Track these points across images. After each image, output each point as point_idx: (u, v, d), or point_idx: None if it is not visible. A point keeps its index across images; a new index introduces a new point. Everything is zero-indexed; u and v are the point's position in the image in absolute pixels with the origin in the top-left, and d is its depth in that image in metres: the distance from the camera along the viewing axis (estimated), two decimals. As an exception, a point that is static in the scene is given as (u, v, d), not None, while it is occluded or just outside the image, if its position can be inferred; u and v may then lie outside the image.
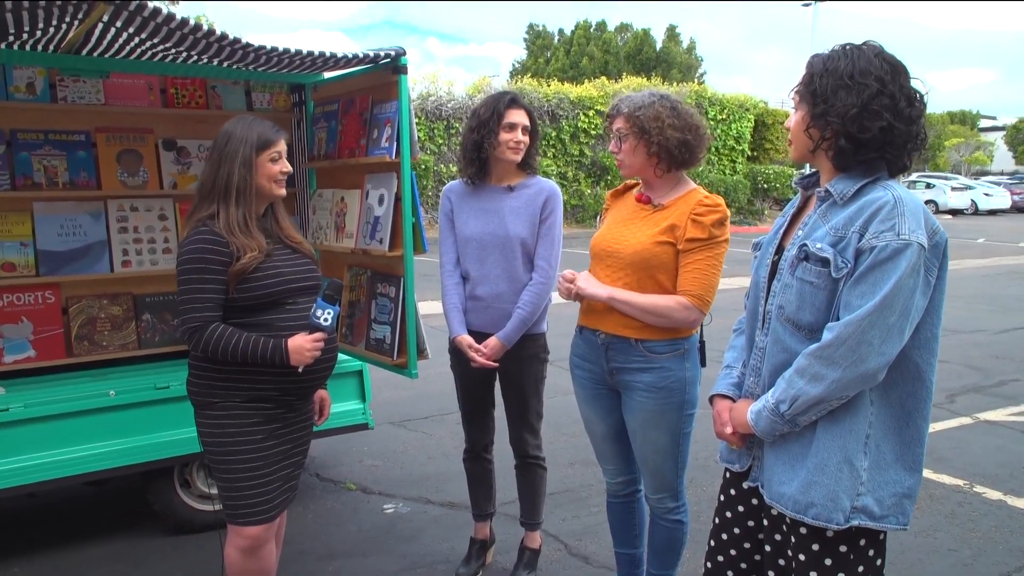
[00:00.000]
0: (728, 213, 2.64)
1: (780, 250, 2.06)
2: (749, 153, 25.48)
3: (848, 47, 1.91)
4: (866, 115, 1.83)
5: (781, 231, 2.11)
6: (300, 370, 2.54)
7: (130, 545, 3.74)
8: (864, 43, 1.92)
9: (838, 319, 1.86)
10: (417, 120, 19.11)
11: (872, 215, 1.83)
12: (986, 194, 32.37)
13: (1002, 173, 43.27)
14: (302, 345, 2.51)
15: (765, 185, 24.52)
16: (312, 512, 4.13)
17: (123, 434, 3.46)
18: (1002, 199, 32.41)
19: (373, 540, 3.84)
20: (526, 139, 3.13)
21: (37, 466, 3.28)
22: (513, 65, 43.96)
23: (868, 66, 1.85)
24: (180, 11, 2.79)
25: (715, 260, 2.61)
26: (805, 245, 1.92)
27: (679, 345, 2.67)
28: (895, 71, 1.86)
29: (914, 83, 1.90)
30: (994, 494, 4.43)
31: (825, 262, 1.87)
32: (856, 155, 1.88)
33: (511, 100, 3.11)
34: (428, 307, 5.02)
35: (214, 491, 3.69)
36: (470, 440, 3.44)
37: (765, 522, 2.08)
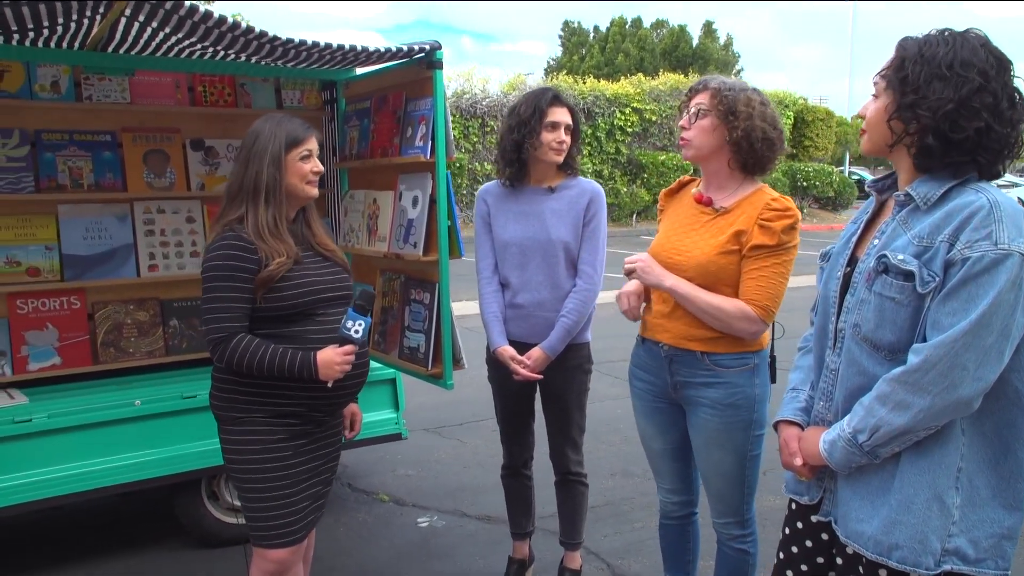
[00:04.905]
0: (799, 216, 2.41)
1: (853, 261, 1.86)
2: (788, 150, 25.02)
3: (948, 33, 1.68)
4: (963, 112, 1.61)
5: (854, 239, 1.90)
6: (330, 384, 2.39)
7: (155, 559, 3.62)
8: (968, 30, 1.69)
9: (924, 339, 1.65)
10: (452, 118, 19.00)
11: (964, 222, 1.61)
12: (1032, 191, 31.56)
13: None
14: (332, 359, 2.35)
15: (804, 183, 24.02)
16: (344, 525, 3.98)
17: (149, 445, 3.34)
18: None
19: (406, 556, 3.68)
20: (568, 139, 2.94)
21: (61, 479, 3.16)
22: (548, 62, 43.66)
23: (972, 57, 1.62)
24: (216, 9, 2.65)
25: (783, 268, 2.38)
26: (884, 256, 1.71)
27: (748, 360, 2.46)
28: (1001, 66, 1.64)
29: (1017, 82, 1.68)
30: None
31: (909, 275, 1.66)
32: (944, 156, 1.66)
33: (553, 97, 2.91)
34: (461, 307, 4.86)
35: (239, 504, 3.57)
36: (509, 456, 3.26)
37: (839, 560, 1.88)
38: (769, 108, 2.46)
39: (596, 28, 42.75)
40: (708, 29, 40.20)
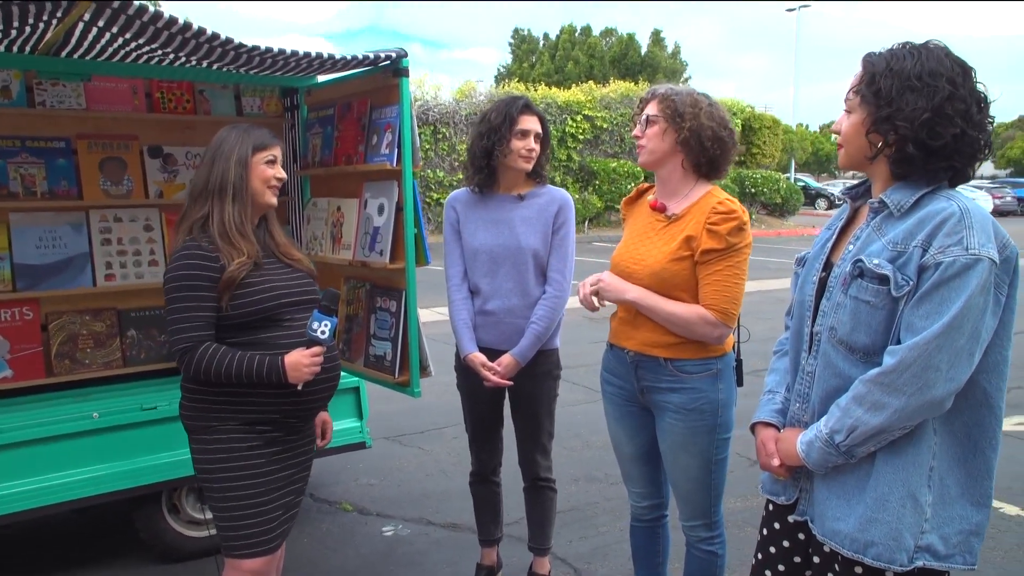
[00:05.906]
0: (746, 218, 2.45)
1: (828, 266, 1.90)
2: (736, 157, 25.41)
3: (909, 46, 1.75)
4: (939, 120, 1.67)
5: (828, 245, 1.94)
6: (300, 388, 2.37)
7: (126, 572, 3.52)
8: (928, 42, 1.75)
9: (899, 342, 1.70)
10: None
11: (936, 228, 1.67)
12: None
13: (982, 177, 43.48)
14: (299, 361, 2.33)
15: (752, 190, 24.45)
16: (308, 535, 3.93)
17: (108, 459, 3.25)
18: (984, 203, 32.54)
19: (373, 566, 3.64)
20: (538, 147, 2.96)
21: (14, 495, 3.06)
22: (498, 69, 43.73)
23: (938, 66, 1.68)
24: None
25: (736, 270, 2.42)
26: (860, 261, 1.75)
27: (711, 365, 2.49)
28: (965, 73, 1.70)
29: (979, 86, 1.74)
30: (1012, 509, 4.29)
31: (883, 279, 1.71)
32: (925, 164, 1.71)
33: (524, 105, 2.93)
34: (424, 315, 4.83)
35: (205, 516, 3.49)
36: (478, 463, 3.26)
37: (815, 559, 1.91)
38: (717, 109, 2.50)
39: (546, 36, 43.00)
40: (656, 38, 40.67)
